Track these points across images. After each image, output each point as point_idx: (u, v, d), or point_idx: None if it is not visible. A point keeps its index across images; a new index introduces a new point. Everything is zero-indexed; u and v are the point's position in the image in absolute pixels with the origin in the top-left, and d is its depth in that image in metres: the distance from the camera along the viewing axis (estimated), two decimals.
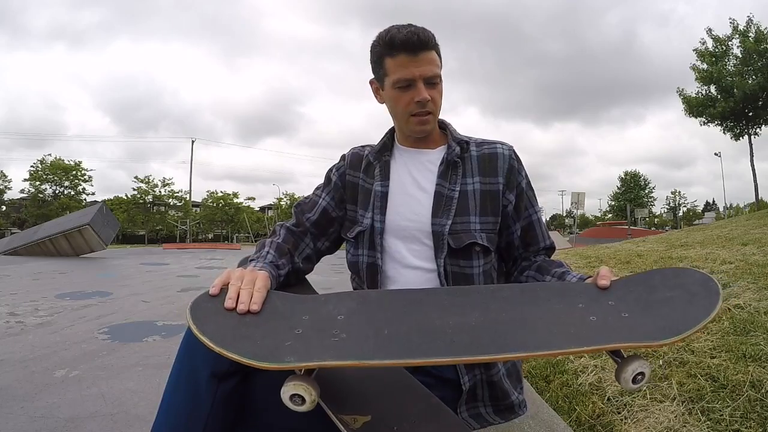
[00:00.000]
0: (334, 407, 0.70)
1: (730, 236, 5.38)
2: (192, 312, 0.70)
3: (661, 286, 0.75)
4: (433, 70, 0.95)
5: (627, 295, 0.75)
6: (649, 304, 0.72)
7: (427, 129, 1.01)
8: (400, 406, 0.75)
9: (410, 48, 0.93)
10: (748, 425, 1.37)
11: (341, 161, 1.12)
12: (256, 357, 0.63)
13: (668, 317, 0.68)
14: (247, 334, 0.68)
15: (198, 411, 0.75)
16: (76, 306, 4.14)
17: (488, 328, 0.70)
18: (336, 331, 0.68)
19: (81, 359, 2.46)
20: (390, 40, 0.94)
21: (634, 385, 0.65)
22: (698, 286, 0.73)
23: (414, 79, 0.94)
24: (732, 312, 2.37)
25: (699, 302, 0.69)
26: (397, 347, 0.66)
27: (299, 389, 0.63)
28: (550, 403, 1.75)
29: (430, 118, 0.99)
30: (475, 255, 0.96)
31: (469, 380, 0.92)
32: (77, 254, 11.31)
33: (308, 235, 1.07)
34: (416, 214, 0.98)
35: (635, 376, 0.65)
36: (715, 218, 36.62)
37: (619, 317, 0.70)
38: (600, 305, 0.73)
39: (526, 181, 1.04)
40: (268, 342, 0.66)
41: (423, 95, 0.95)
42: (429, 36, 0.95)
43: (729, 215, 32.48)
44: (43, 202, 33.88)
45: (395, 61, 0.94)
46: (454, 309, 0.74)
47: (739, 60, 17.03)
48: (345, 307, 0.75)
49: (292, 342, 0.66)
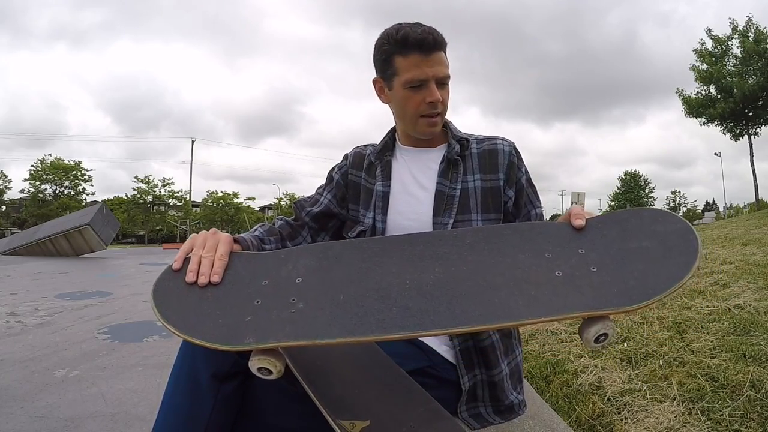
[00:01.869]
0: (332, 412, 0.70)
1: (730, 236, 5.38)
2: (154, 296, 0.71)
3: (636, 231, 0.71)
4: (445, 70, 0.95)
5: (598, 240, 0.71)
6: (620, 254, 0.68)
7: (435, 131, 1.00)
8: (398, 411, 0.75)
9: (424, 48, 0.92)
10: (748, 425, 1.37)
11: (344, 160, 1.12)
12: (218, 340, 0.65)
13: (639, 275, 0.65)
14: (208, 311, 0.69)
15: (199, 412, 0.75)
16: (76, 306, 4.14)
17: (446, 289, 0.68)
18: (293, 300, 0.70)
19: (81, 359, 2.46)
20: (403, 38, 0.92)
21: (596, 344, 0.64)
22: (676, 237, 0.68)
23: (427, 80, 0.93)
24: (732, 312, 2.37)
25: (675, 258, 0.65)
26: (351, 320, 0.66)
27: (264, 363, 0.65)
28: (550, 403, 1.75)
29: (439, 119, 0.98)
30: None
31: (469, 380, 0.92)
32: (77, 254, 11.31)
33: (306, 229, 1.07)
34: (417, 213, 0.98)
35: (598, 337, 0.63)
36: (715, 218, 36.59)
37: (587, 272, 0.67)
38: (568, 255, 0.70)
39: (526, 177, 1.03)
40: (229, 319, 0.68)
41: (435, 96, 0.94)
42: (441, 36, 0.94)
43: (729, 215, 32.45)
44: (43, 202, 33.85)
45: (408, 60, 0.93)
46: (414, 261, 0.73)
47: (739, 60, 17.04)
48: (303, 266, 0.75)
49: (252, 317, 0.68)
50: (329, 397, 0.72)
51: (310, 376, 0.74)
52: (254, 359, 0.66)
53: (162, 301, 0.71)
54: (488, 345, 0.94)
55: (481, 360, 0.94)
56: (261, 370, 0.66)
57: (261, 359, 0.66)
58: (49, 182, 34.67)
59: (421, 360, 0.91)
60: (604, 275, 0.67)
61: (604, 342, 0.64)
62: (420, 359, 0.91)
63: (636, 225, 0.72)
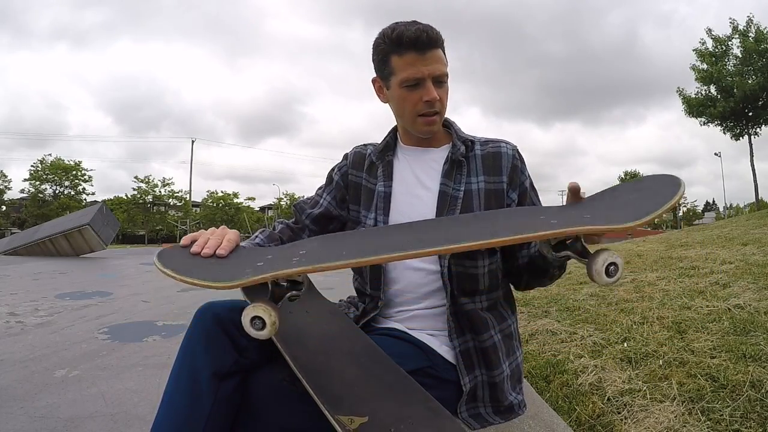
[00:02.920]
0: (330, 408, 0.70)
1: (730, 236, 5.38)
2: (158, 255, 0.74)
3: (625, 192, 0.77)
4: (441, 68, 0.94)
5: (591, 204, 0.77)
6: (612, 206, 0.73)
7: (433, 129, 1.00)
8: (397, 408, 0.75)
9: (419, 46, 0.91)
10: (748, 425, 1.37)
11: (344, 160, 1.11)
12: (216, 280, 0.67)
13: (632, 204, 0.69)
14: (210, 269, 0.72)
15: (198, 411, 0.75)
16: (76, 306, 4.14)
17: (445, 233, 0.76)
18: (296, 259, 0.72)
19: (81, 359, 2.46)
20: (397, 37, 0.92)
21: (609, 278, 0.63)
22: (662, 183, 0.73)
23: (423, 78, 0.93)
24: (732, 312, 2.37)
25: (662, 192, 0.69)
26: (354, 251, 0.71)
27: (258, 310, 0.65)
28: (550, 403, 1.75)
29: (437, 118, 0.98)
30: (480, 255, 0.96)
31: (470, 381, 0.92)
32: (77, 254, 11.30)
33: (306, 232, 1.07)
34: (420, 214, 0.97)
35: (607, 267, 0.63)
36: (715, 218, 36.61)
37: (580, 217, 0.71)
38: (563, 213, 0.76)
39: (529, 181, 1.03)
40: (231, 271, 0.70)
41: (432, 94, 0.93)
42: (437, 34, 0.93)
43: (729, 215, 32.47)
44: (43, 202, 33.87)
45: (403, 59, 0.93)
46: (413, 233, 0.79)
47: (739, 60, 17.04)
48: (307, 247, 0.80)
49: (252, 270, 0.70)
50: (328, 394, 0.72)
51: (310, 374, 0.74)
52: (248, 308, 0.66)
53: (164, 257, 0.74)
54: (490, 346, 0.94)
55: (482, 361, 0.94)
56: (254, 321, 0.65)
57: (256, 306, 0.66)
58: (49, 182, 34.68)
59: (422, 360, 0.91)
60: (598, 215, 0.71)
61: (617, 274, 0.63)
62: (420, 359, 0.91)
63: (625, 188, 0.79)
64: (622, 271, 0.64)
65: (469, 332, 0.94)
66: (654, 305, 2.72)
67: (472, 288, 0.95)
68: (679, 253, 4.71)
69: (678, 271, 3.70)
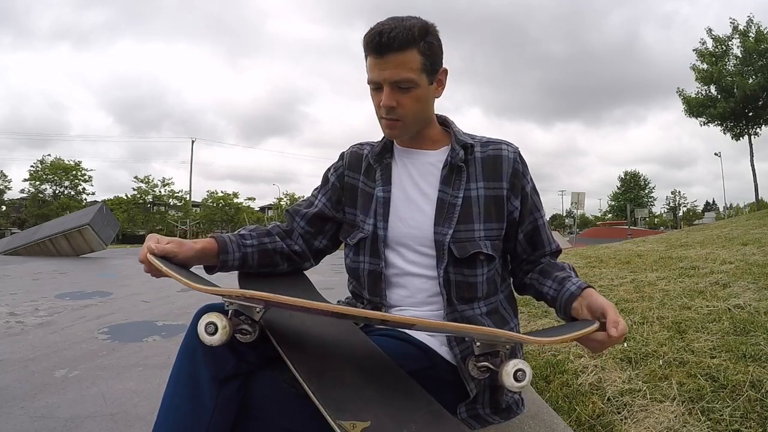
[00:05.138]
0: (332, 413, 0.69)
1: (730, 236, 5.38)
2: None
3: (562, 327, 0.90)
4: (401, 74, 0.87)
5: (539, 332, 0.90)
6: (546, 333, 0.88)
7: (394, 134, 0.97)
8: (400, 412, 0.74)
9: (376, 49, 0.87)
10: (748, 425, 1.37)
11: (339, 161, 1.09)
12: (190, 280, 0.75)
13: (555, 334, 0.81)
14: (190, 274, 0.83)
15: (200, 416, 0.74)
16: (76, 306, 4.14)
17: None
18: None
19: (81, 359, 2.46)
20: (365, 37, 0.89)
21: (517, 382, 0.70)
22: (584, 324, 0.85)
23: (379, 82, 0.90)
24: (732, 312, 2.37)
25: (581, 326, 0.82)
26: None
27: (212, 317, 0.71)
28: (550, 403, 1.75)
29: (399, 124, 0.94)
30: (480, 263, 0.95)
31: (475, 387, 0.91)
32: (77, 254, 11.29)
33: (295, 236, 1.06)
34: (418, 221, 0.96)
35: (515, 372, 0.70)
36: (715, 218, 36.59)
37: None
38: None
39: (531, 185, 1.01)
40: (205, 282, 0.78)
41: (386, 101, 0.90)
42: (397, 36, 0.85)
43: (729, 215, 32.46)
44: (43, 202, 33.83)
45: (368, 61, 0.91)
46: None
47: (739, 60, 17.01)
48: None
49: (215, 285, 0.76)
50: (330, 398, 0.72)
51: (311, 378, 0.74)
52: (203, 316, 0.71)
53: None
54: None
55: None
56: (208, 326, 0.70)
57: (210, 314, 0.71)
58: (49, 182, 34.66)
59: (422, 361, 0.90)
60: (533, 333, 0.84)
61: (523, 381, 0.70)
62: (421, 360, 0.90)
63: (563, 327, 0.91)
64: (529, 378, 0.72)
65: (469, 338, 0.93)
66: (654, 305, 2.72)
67: (471, 295, 0.94)
68: (679, 253, 4.71)
69: (678, 271, 3.70)
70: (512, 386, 0.70)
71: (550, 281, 0.95)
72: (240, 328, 0.75)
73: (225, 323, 0.70)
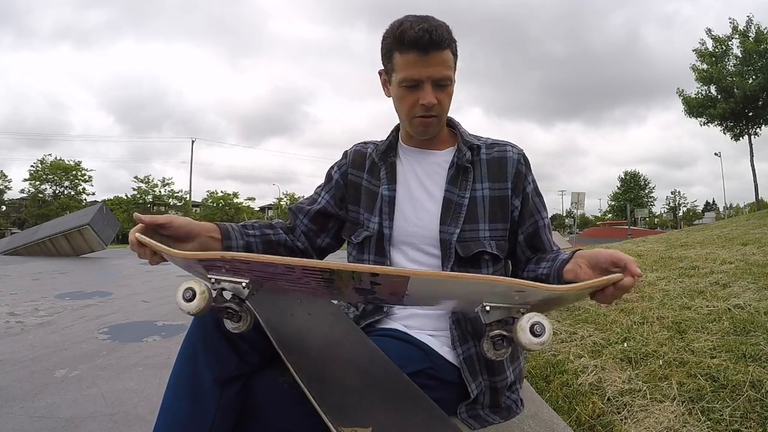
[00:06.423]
0: (333, 419, 0.68)
1: (730, 236, 5.38)
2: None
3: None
4: (444, 72, 0.90)
5: None
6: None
7: (429, 132, 0.98)
8: (401, 418, 0.73)
9: (421, 47, 0.87)
10: (748, 425, 1.37)
11: (343, 159, 1.09)
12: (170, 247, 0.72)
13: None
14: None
15: (202, 417, 0.73)
16: (76, 306, 4.14)
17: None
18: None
19: (81, 359, 2.46)
20: (400, 35, 0.88)
21: (535, 337, 0.60)
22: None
23: (422, 81, 0.89)
24: (732, 312, 2.37)
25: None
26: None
27: (190, 283, 0.65)
28: (550, 403, 1.75)
29: (435, 121, 0.95)
30: (484, 263, 0.95)
31: (476, 388, 0.91)
32: (77, 254, 11.29)
33: (298, 233, 1.06)
34: (423, 220, 0.96)
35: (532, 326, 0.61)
36: (715, 218, 36.60)
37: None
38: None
39: (533, 186, 1.01)
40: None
41: (429, 98, 0.90)
42: (442, 34, 0.88)
43: (729, 215, 32.47)
44: (43, 202, 33.81)
45: (404, 58, 0.89)
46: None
47: (739, 60, 17.02)
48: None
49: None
50: (330, 403, 0.71)
51: (312, 383, 0.73)
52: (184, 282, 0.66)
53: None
54: None
55: (486, 367, 0.93)
56: (186, 292, 0.64)
57: (190, 279, 0.65)
58: (49, 182, 34.66)
59: (423, 362, 0.90)
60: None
61: (543, 336, 0.61)
62: (422, 361, 0.90)
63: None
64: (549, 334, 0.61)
65: (472, 339, 0.93)
66: (654, 305, 2.72)
67: None
68: (679, 253, 4.71)
69: (678, 271, 3.70)
70: (530, 342, 0.60)
71: (544, 263, 0.93)
72: (226, 307, 0.68)
73: (203, 288, 0.65)
